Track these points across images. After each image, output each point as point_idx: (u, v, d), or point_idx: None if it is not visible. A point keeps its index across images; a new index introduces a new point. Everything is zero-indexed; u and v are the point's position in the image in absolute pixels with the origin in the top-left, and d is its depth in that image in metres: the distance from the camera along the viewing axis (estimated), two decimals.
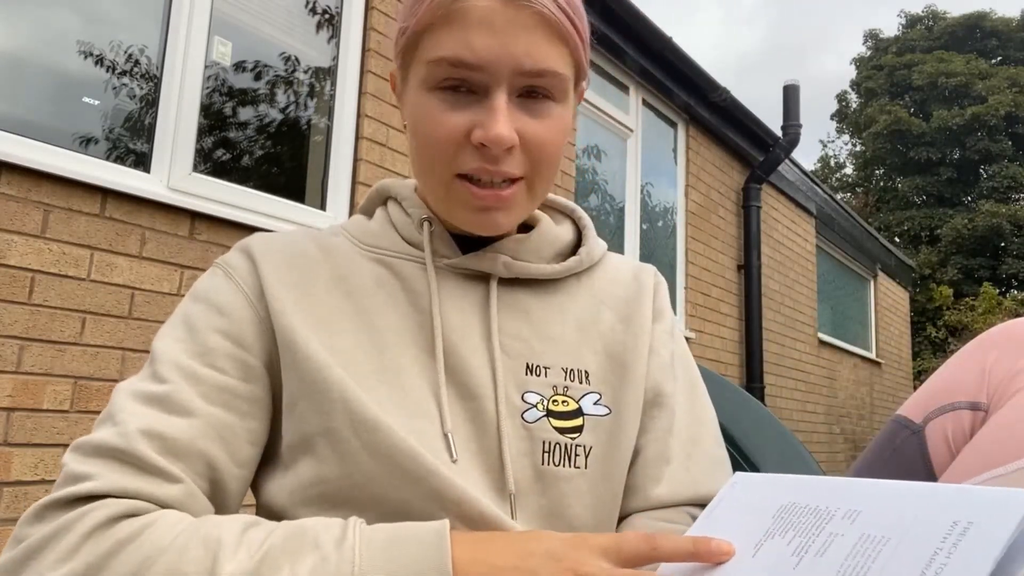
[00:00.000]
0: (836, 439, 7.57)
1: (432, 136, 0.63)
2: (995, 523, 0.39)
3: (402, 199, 0.73)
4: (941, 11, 26.42)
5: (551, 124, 0.64)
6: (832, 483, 0.49)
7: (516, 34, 0.60)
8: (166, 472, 0.56)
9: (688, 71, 5.20)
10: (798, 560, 0.44)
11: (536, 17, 0.60)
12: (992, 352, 0.79)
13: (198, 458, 0.58)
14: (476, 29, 0.59)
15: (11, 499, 1.99)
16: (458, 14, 0.60)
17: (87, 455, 0.56)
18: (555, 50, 0.62)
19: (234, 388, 0.62)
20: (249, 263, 0.67)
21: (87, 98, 2.38)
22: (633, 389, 0.69)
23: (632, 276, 0.77)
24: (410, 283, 0.68)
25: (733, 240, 5.99)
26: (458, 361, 0.65)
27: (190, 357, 0.61)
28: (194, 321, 0.64)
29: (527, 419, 0.65)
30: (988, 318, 14.21)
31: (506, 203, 0.64)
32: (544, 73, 0.61)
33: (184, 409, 0.59)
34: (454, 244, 0.70)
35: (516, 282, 0.71)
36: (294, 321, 0.63)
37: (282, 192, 2.83)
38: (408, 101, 0.66)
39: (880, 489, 0.47)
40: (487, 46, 0.59)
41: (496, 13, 0.59)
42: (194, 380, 0.60)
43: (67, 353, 2.12)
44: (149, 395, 0.59)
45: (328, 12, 3.07)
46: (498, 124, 0.60)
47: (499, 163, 0.62)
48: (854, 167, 27.02)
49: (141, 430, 0.56)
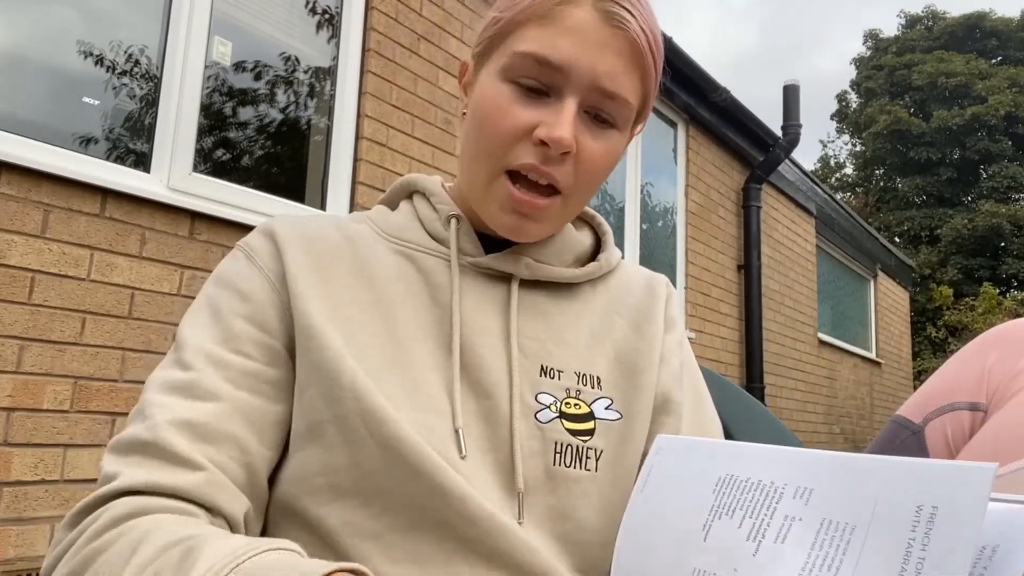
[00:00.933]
0: (836, 439, 7.57)
1: (497, 124, 0.64)
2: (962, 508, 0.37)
3: (430, 194, 0.74)
4: (941, 11, 26.42)
5: (607, 148, 0.65)
6: (767, 453, 0.47)
7: (604, 52, 0.62)
8: (189, 461, 0.56)
9: (688, 71, 5.20)
10: (756, 547, 0.42)
11: (628, 43, 0.62)
12: (992, 353, 0.79)
13: (228, 441, 0.58)
14: (569, 35, 0.61)
15: (11, 499, 1.99)
16: (556, 16, 0.62)
17: (119, 453, 0.57)
18: (633, 80, 0.64)
19: (260, 373, 0.62)
20: (272, 246, 0.67)
21: (87, 98, 2.38)
22: (643, 395, 0.70)
23: (645, 285, 0.78)
24: (432, 278, 0.68)
25: (733, 240, 5.99)
26: (474, 359, 0.65)
27: (215, 343, 0.62)
28: (218, 306, 0.64)
29: (540, 419, 0.65)
30: (988, 318, 14.21)
31: (540, 213, 0.65)
32: (616, 97, 0.63)
33: (211, 394, 0.59)
34: (479, 243, 0.71)
35: (535, 284, 0.72)
36: (312, 307, 0.63)
37: (282, 192, 2.83)
38: (478, 87, 0.67)
39: (822, 462, 0.44)
40: (574, 53, 0.61)
41: (592, 26, 0.61)
42: (220, 366, 0.61)
43: (67, 353, 2.12)
44: (176, 384, 0.59)
45: (328, 12, 3.07)
46: (564, 126, 0.61)
47: (551, 165, 0.63)
48: (854, 167, 27.02)
49: (169, 421, 0.57)
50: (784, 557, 0.41)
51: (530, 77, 0.63)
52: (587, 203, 0.70)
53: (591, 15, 0.61)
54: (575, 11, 0.61)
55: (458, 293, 0.67)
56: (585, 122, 0.64)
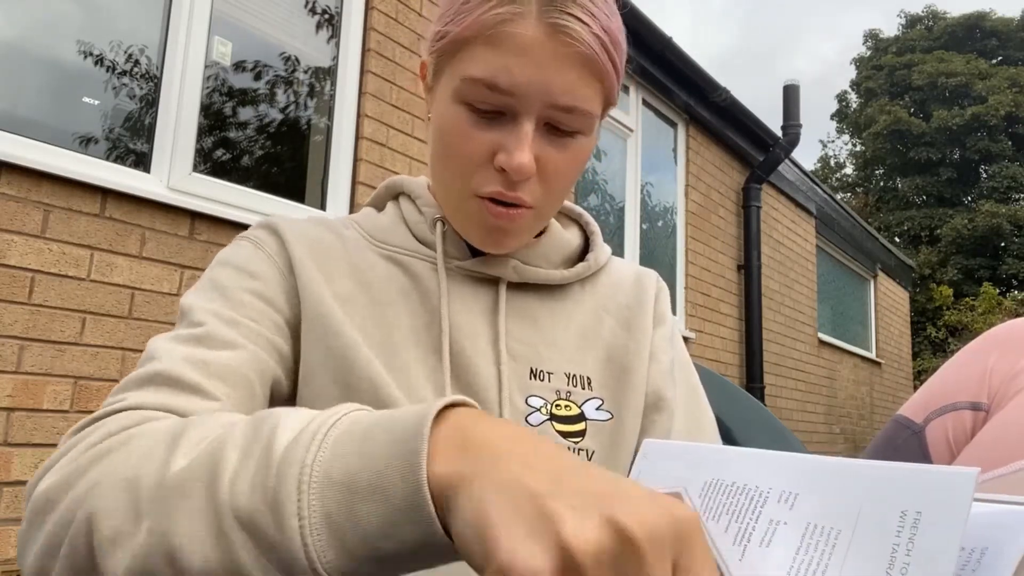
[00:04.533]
0: (836, 439, 7.57)
1: (457, 149, 0.63)
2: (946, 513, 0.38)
3: (415, 197, 0.73)
4: (941, 11, 26.43)
5: (572, 156, 0.64)
6: (752, 457, 0.47)
7: (556, 68, 0.59)
8: (206, 391, 0.55)
9: (688, 71, 5.20)
10: (742, 550, 0.42)
11: (578, 56, 0.60)
12: (993, 352, 0.79)
13: (243, 383, 0.57)
14: (517, 57, 0.59)
15: (11, 499, 1.99)
16: (502, 37, 0.59)
17: (126, 388, 0.55)
18: (590, 89, 0.61)
19: (269, 338, 0.62)
20: (278, 241, 0.67)
21: (87, 98, 2.38)
22: (634, 394, 0.69)
23: (634, 281, 0.78)
24: (420, 282, 0.68)
25: (733, 240, 5.99)
26: (464, 362, 0.65)
27: (225, 308, 0.61)
28: (224, 283, 0.63)
29: (531, 422, 0.65)
30: (988, 318, 14.21)
31: (515, 225, 0.65)
32: (575, 110, 0.61)
33: (227, 343, 0.58)
34: (465, 246, 0.70)
35: (523, 286, 0.71)
36: (325, 295, 0.64)
37: (282, 192, 2.83)
38: (436, 103, 0.66)
39: (807, 466, 0.44)
40: (525, 76, 0.59)
41: (539, 44, 0.59)
42: (231, 324, 0.60)
43: (67, 353, 2.12)
44: (188, 336, 0.58)
45: (328, 12, 3.07)
46: (522, 152, 0.60)
47: (516, 189, 0.62)
48: (854, 167, 27.03)
49: (184, 357, 0.56)
50: (769, 560, 0.41)
51: (483, 101, 0.61)
52: (560, 205, 0.69)
53: (538, 31, 0.58)
54: (521, 30, 0.58)
55: (446, 297, 0.67)
56: (547, 135, 0.62)
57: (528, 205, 0.64)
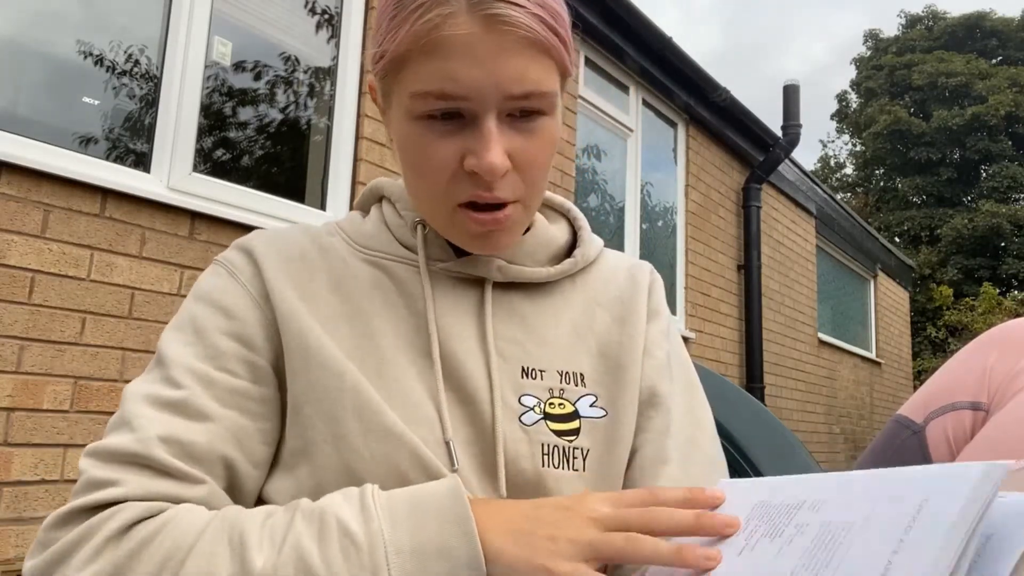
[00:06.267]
0: (836, 439, 7.57)
1: (424, 167, 0.62)
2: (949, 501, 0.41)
3: (395, 200, 0.72)
4: (941, 11, 26.43)
5: (542, 139, 0.62)
6: (804, 479, 0.52)
7: (501, 60, 0.57)
8: (189, 475, 0.56)
9: (688, 71, 5.20)
10: (777, 550, 0.46)
11: (520, 41, 0.58)
12: (993, 352, 0.79)
13: (217, 461, 0.59)
14: (459, 59, 0.57)
15: (11, 499, 1.99)
16: (439, 44, 0.57)
17: (106, 461, 0.56)
18: (542, 68, 0.60)
19: (247, 391, 0.62)
20: (252, 265, 0.67)
21: (87, 98, 2.38)
22: (629, 390, 0.69)
23: (627, 274, 0.76)
24: (405, 286, 0.68)
25: (733, 240, 5.99)
26: (454, 365, 0.65)
27: (201, 360, 0.61)
28: (201, 324, 0.63)
29: (525, 422, 0.65)
30: (988, 318, 14.20)
31: (504, 225, 0.64)
32: (532, 95, 0.59)
33: (201, 414, 0.59)
34: (448, 247, 0.70)
35: (510, 285, 0.71)
36: (305, 324, 0.63)
37: (282, 192, 2.83)
38: (394, 126, 0.65)
39: (845, 479, 0.49)
40: (472, 76, 0.57)
41: (478, 40, 0.57)
42: (208, 383, 0.60)
43: (67, 353, 2.12)
44: (165, 401, 0.59)
45: (328, 12, 3.07)
46: (491, 152, 0.58)
47: (493, 189, 0.61)
48: (854, 167, 27.03)
49: (160, 436, 0.57)
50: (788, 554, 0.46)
51: (438, 111, 0.59)
52: (544, 190, 0.68)
53: (473, 27, 0.56)
54: (456, 30, 0.56)
55: (431, 301, 0.66)
56: (511, 126, 0.61)
57: (511, 201, 0.63)
